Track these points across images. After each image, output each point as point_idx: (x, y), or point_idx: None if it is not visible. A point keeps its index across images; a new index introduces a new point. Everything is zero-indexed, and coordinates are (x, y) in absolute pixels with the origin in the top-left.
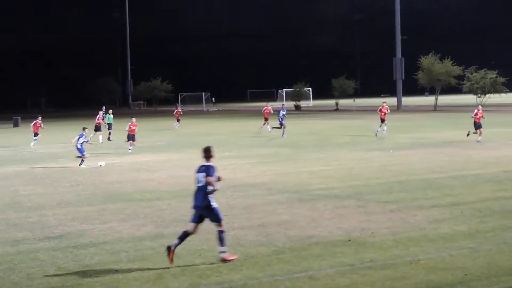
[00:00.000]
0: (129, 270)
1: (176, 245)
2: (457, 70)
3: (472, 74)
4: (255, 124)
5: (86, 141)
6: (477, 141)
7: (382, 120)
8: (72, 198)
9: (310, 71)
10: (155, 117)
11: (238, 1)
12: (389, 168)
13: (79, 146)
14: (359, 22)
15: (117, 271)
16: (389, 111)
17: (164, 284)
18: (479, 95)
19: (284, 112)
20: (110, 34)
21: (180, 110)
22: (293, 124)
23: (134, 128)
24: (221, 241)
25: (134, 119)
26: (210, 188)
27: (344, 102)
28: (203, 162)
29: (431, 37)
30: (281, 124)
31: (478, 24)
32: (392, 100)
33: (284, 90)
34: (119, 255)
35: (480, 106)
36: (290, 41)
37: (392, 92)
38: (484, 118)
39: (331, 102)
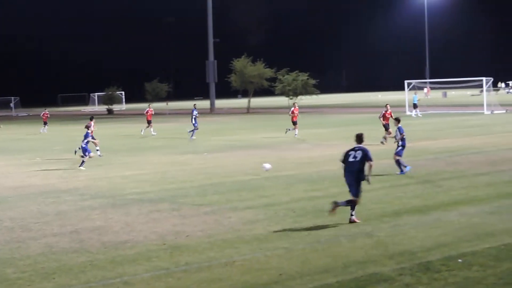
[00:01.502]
0: None
1: (341, 205)
2: (269, 72)
3: (284, 76)
4: (67, 129)
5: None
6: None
7: (294, 123)
8: None
9: (122, 74)
10: None
11: (47, 2)
12: (203, 171)
13: (83, 145)
14: (171, 24)
15: None
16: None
17: None
18: (291, 97)
19: (196, 113)
20: None
21: (47, 112)
22: (106, 129)
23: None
24: (352, 208)
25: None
26: (367, 164)
27: (157, 105)
28: (355, 145)
29: (243, 40)
30: (194, 126)
31: (289, 28)
32: (205, 103)
33: (96, 94)
34: None
35: (388, 105)
36: (102, 43)
37: (205, 95)
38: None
39: (144, 105)
